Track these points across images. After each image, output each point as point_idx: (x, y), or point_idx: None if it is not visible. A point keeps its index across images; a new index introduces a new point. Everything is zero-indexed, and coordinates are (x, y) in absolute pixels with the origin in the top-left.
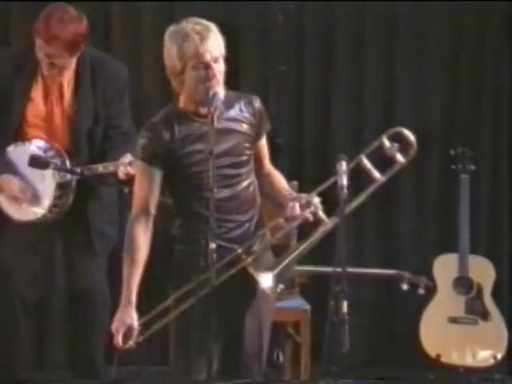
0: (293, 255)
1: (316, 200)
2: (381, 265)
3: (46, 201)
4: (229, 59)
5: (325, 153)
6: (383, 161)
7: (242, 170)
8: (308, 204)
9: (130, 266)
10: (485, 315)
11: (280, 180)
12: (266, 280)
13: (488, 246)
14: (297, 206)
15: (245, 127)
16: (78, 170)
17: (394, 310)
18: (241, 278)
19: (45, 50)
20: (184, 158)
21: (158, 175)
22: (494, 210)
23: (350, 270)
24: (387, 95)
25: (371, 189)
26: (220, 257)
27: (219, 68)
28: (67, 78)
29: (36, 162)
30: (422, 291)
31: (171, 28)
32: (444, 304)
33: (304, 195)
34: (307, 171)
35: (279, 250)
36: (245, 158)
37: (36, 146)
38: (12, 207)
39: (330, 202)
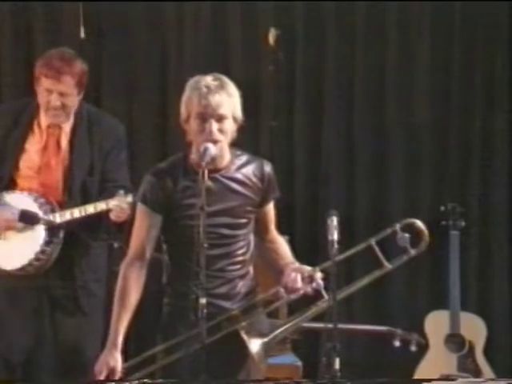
0: (287, 326)
1: (319, 275)
2: (372, 321)
3: (35, 246)
4: None
5: (316, 208)
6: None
7: (240, 232)
8: (310, 278)
9: (119, 309)
10: (477, 373)
11: (284, 247)
12: (255, 346)
13: (479, 303)
14: (299, 278)
15: (249, 190)
16: (60, 218)
17: (385, 367)
18: (232, 339)
19: (56, 89)
20: (182, 210)
21: (157, 221)
22: (485, 267)
23: (341, 326)
24: (378, 149)
25: (377, 274)
26: (208, 313)
27: (222, 127)
28: (65, 131)
29: (26, 216)
30: (413, 348)
31: (193, 78)
32: (436, 361)
33: (307, 268)
34: (298, 226)
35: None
36: (244, 220)
37: (24, 195)
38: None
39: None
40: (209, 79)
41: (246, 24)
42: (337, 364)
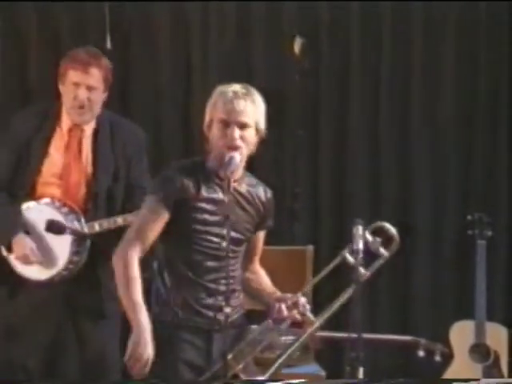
0: (280, 361)
1: (303, 300)
2: (396, 331)
3: (62, 257)
4: None
5: (341, 217)
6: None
7: (236, 248)
8: (295, 305)
9: (128, 283)
10: None
11: (265, 278)
12: None
13: (505, 313)
14: (283, 307)
15: (253, 210)
16: (85, 229)
17: (409, 377)
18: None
19: (84, 82)
20: (195, 212)
21: (164, 216)
22: (511, 276)
23: (365, 335)
24: (404, 157)
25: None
26: (198, 322)
27: (244, 134)
28: (87, 135)
29: (53, 226)
30: (438, 358)
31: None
32: (461, 372)
33: (289, 295)
34: (323, 235)
35: None
36: (242, 237)
37: (47, 204)
38: (25, 266)
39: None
40: (237, 86)
41: (270, 32)
42: (361, 373)
